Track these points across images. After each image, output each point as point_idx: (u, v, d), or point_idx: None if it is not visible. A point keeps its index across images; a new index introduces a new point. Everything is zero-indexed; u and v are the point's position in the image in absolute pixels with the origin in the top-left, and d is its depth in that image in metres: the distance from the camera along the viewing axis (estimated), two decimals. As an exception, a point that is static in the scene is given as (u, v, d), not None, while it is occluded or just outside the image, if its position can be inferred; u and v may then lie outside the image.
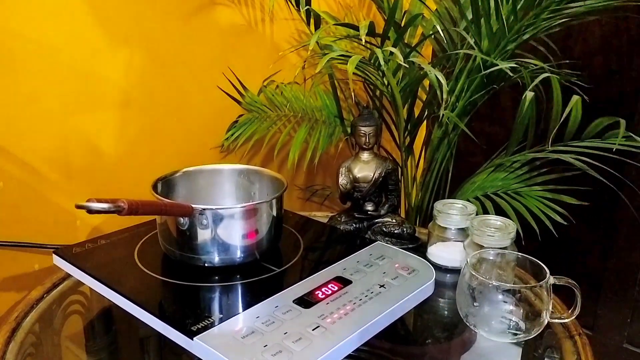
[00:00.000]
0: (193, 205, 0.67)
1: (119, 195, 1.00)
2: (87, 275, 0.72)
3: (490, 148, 1.29)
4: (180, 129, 1.09)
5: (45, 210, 0.93)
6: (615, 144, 0.93)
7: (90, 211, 0.52)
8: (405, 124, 1.13)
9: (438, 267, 0.88)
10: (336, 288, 0.68)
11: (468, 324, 0.72)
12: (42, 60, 0.87)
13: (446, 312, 0.80)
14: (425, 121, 1.19)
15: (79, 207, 0.52)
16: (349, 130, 1.14)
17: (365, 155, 0.96)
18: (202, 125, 1.12)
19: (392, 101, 1.08)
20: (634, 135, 0.97)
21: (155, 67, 1.01)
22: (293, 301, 0.65)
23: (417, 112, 1.17)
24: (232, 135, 1.14)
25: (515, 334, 0.70)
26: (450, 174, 1.22)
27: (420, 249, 0.94)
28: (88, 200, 0.52)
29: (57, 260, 0.76)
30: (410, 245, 0.95)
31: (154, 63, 1.01)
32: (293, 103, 1.18)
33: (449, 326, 0.77)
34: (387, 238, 0.95)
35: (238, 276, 0.72)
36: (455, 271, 0.87)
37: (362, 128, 0.94)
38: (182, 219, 0.69)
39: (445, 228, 0.88)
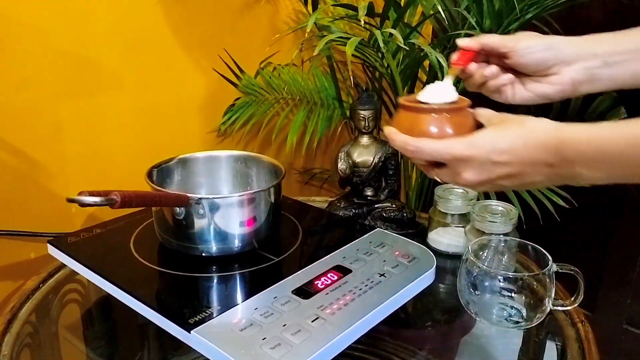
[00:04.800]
0: (189, 195, 0.65)
1: (115, 181, 0.99)
2: (82, 266, 0.71)
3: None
4: (176, 113, 1.07)
5: (41, 198, 0.91)
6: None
7: (83, 204, 0.51)
8: (405, 106, 1.11)
9: (439, 253, 0.87)
10: (336, 277, 0.67)
11: (469, 312, 0.71)
12: (33, 45, 0.85)
13: (447, 298, 0.79)
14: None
15: (70, 200, 0.51)
16: (347, 113, 1.12)
17: (364, 140, 0.95)
18: (198, 109, 1.10)
19: (391, 83, 1.05)
20: None
21: (150, 51, 0.99)
22: (292, 292, 0.64)
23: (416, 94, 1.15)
24: (228, 119, 1.12)
25: (517, 322, 0.69)
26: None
27: (420, 234, 0.93)
28: (80, 194, 0.51)
29: (52, 250, 0.75)
30: (410, 231, 0.94)
31: (148, 46, 0.99)
32: (291, 85, 1.16)
33: (450, 312, 0.76)
34: (387, 223, 0.94)
35: (236, 266, 0.70)
36: (457, 257, 0.86)
37: (362, 112, 0.92)
38: (178, 209, 0.68)
39: (446, 213, 0.87)
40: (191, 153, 0.82)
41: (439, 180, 0.52)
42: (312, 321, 0.59)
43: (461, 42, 0.58)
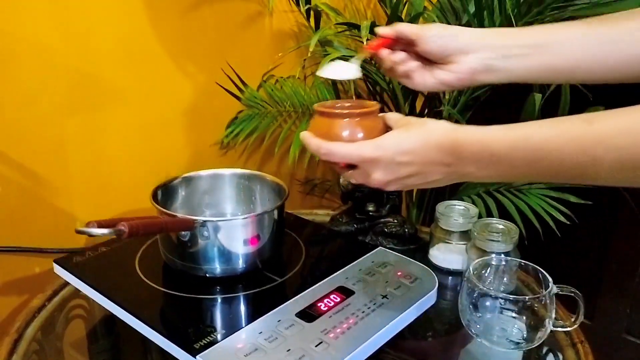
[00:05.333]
0: (194, 219, 0.66)
1: (119, 196, 1.00)
2: (88, 287, 0.71)
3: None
4: (179, 127, 1.07)
5: (45, 213, 0.92)
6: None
7: (91, 236, 0.52)
8: (407, 119, 1.11)
9: (440, 269, 0.88)
10: (339, 299, 0.68)
11: (470, 332, 0.72)
12: (37, 61, 0.85)
13: (448, 314, 0.79)
14: (426, 117, 1.17)
15: (79, 232, 0.52)
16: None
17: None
18: (201, 122, 1.11)
19: (393, 97, 1.06)
20: None
21: (153, 65, 1.00)
22: (296, 314, 0.64)
23: (418, 107, 1.16)
24: (231, 132, 1.13)
25: (518, 343, 0.70)
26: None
27: (422, 249, 0.94)
28: (88, 225, 0.52)
29: (58, 270, 0.76)
30: (412, 246, 0.95)
31: (151, 61, 0.99)
32: (293, 98, 1.16)
33: (451, 326, 0.76)
34: (388, 239, 0.95)
35: (240, 287, 0.71)
36: (458, 273, 0.87)
37: (364, 128, 0.93)
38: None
39: (447, 230, 0.88)
40: (195, 171, 0.83)
41: (353, 182, 0.55)
42: (316, 346, 0.59)
43: (380, 29, 0.62)
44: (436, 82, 0.62)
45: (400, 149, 0.50)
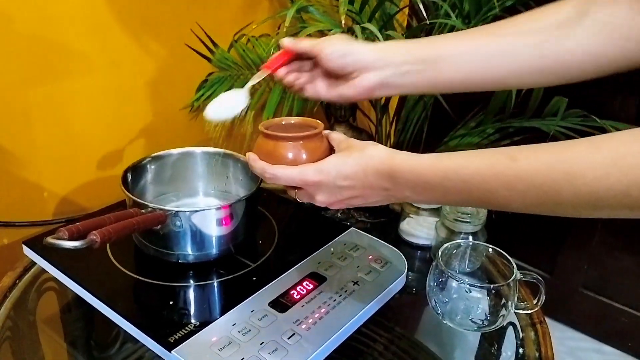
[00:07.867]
0: (166, 213, 0.66)
1: (87, 165, 0.98)
2: (59, 271, 0.71)
3: (465, 103, 1.27)
4: (146, 92, 1.04)
5: (11, 186, 0.89)
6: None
7: (62, 248, 0.51)
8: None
9: (410, 244, 0.91)
10: (311, 287, 0.69)
11: (436, 313, 0.75)
12: (-4, 30, 0.81)
13: (414, 289, 0.82)
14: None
15: (48, 244, 0.51)
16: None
17: (340, 128, 0.95)
18: (170, 85, 1.07)
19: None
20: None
21: (118, 29, 0.95)
22: (269, 304, 0.66)
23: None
24: (202, 95, 1.10)
25: (481, 325, 0.73)
26: (424, 135, 1.21)
27: (394, 221, 0.95)
28: (58, 237, 0.51)
29: (28, 252, 0.75)
30: (383, 219, 0.96)
31: (116, 24, 0.94)
32: (266, 60, 1.13)
33: (417, 295, 0.79)
34: (360, 211, 0.96)
35: (213, 273, 0.72)
36: (427, 248, 0.90)
37: (338, 100, 0.92)
38: (155, 220, 0.68)
39: (418, 207, 0.89)
40: (165, 150, 0.81)
41: (299, 201, 0.57)
42: (288, 338, 0.61)
43: (283, 41, 0.63)
44: (337, 95, 0.63)
45: (341, 173, 0.52)
